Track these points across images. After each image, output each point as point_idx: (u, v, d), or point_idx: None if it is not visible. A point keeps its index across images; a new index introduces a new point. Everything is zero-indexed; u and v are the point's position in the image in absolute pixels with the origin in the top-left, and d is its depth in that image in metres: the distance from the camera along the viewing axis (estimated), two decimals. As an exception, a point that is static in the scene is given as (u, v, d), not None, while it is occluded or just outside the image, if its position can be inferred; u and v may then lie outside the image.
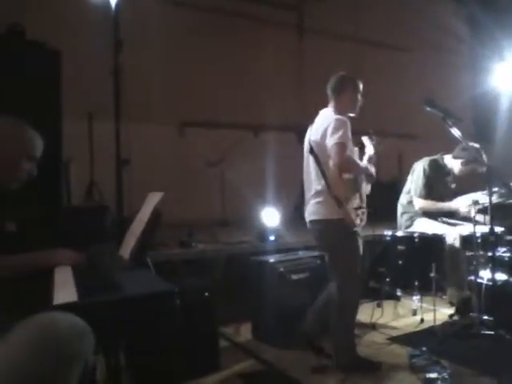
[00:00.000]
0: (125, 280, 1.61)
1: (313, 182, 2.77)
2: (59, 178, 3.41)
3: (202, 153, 5.95)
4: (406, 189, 3.84)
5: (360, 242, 2.75)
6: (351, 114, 2.81)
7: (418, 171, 3.74)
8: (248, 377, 2.69)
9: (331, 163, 2.61)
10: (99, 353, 1.66)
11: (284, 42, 6.83)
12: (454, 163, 3.76)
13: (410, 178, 3.84)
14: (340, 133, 2.57)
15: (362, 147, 3.00)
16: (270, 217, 4.33)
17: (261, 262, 3.37)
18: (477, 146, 3.52)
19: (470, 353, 2.82)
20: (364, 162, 2.88)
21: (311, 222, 2.81)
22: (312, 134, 2.78)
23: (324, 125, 2.67)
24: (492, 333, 2.82)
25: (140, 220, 2.01)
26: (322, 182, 2.68)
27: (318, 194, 2.73)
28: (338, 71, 2.91)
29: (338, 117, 2.66)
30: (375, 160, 2.95)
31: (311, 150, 2.74)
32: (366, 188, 2.87)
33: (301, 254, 3.56)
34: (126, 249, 1.92)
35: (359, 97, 2.82)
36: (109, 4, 3.42)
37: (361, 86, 2.83)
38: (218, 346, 2.80)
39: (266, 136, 6.43)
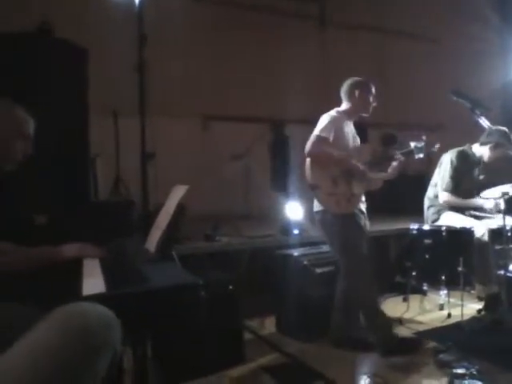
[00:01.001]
0: (151, 272, 1.64)
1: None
2: (87, 174, 3.49)
3: (225, 146, 5.98)
4: (433, 182, 3.76)
5: (360, 229, 2.84)
6: (364, 115, 2.96)
7: (445, 163, 3.64)
8: (272, 369, 2.70)
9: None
10: (127, 343, 1.69)
11: (306, 34, 6.77)
12: (482, 150, 3.64)
13: (437, 170, 3.75)
14: (322, 126, 2.76)
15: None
16: (294, 210, 4.32)
17: (285, 255, 3.38)
18: (504, 129, 3.42)
19: (499, 349, 2.76)
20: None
21: (314, 213, 2.98)
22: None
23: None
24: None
25: (165, 213, 2.03)
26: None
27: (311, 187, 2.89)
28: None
29: (330, 112, 2.86)
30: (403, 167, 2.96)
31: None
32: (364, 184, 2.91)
33: (325, 247, 3.54)
34: (152, 242, 1.95)
35: (371, 99, 2.92)
36: (132, 1, 3.45)
37: (373, 89, 2.94)
38: (242, 339, 2.82)
39: (289, 129, 6.40)
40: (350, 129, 2.98)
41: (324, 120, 2.82)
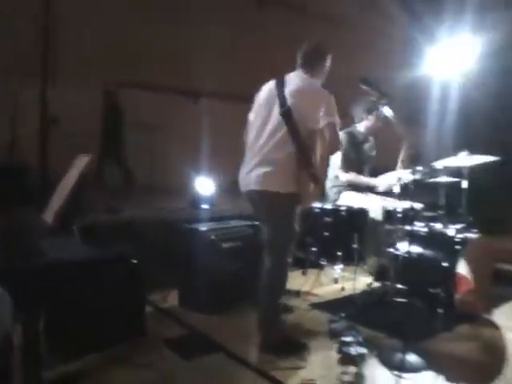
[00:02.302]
0: (47, 246, 1.56)
1: (270, 148, 2.51)
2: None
3: (137, 116, 5.77)
4: (331, 163, 3.96)
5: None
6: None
7: None
8: (172, 341, 2.73)
9: (321, 140, 2.49)
10: (18, 318, 1.61)
11: (227, 9, 6.67)
12: (363, 124, 3.92)
13: None
14: (334, 112, 2.50)
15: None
16: (205, 185, 4.34)
17: (192, 229, 3.38)
18: (367, 97, 3.67)
19: (385, 318, 3.04)
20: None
21: (256, 192, 2.57)
22: (289, 95, 2.52)
23: (314, 95, 2.55)
24: (405, 300, 3.05)
25: (66, 183, 1.94)
26: (287, 150, 2.47)
27: (273, 162, 2.49)
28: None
29: (329, 93, 2.55)
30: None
31: (286, 114, 2.48)
32: None
33: (233, 222, 3.61)
34: (50, 213, 1.85)
35: (329, 66, 2.74)
36: None
37: (330, 56, 2.73)
38: (144, 313, 2.81)
39: (207, 103, 6.33)
40: None
41: (335, 105, 2.52)
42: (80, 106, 4.98)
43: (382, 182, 3.75)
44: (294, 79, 2.62)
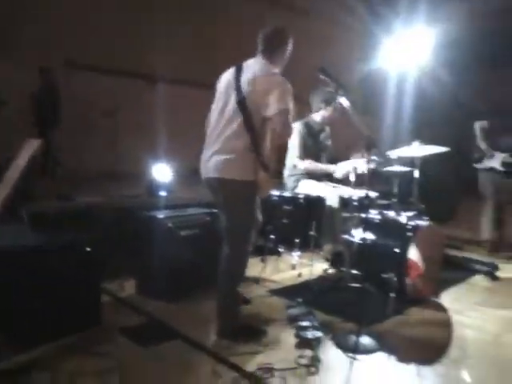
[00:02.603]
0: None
1: (228, 136, 2.50)
2: None
3: (92, 100, 5.58)
4: (289, 152, 4.00)
5: (257, 208, 2.68)
6: (277, 70, 2.66)
7: (294, 134, 3.89)
8: (129, 329, 2.70)
9: (271, 127, 2.43)
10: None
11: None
12: (320, 114, 3.99)
13: (290, 141, 3.97)
14: (288, 98, 2.42)
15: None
16: (163, 171, 4.27)
17: (149, 217, 3.34)
18: (325, 88, 3.74)
19: (340, 303, 3.14)
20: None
21: (214, 179, 2.56)
22: (245, 83, 2.49)
23: (268, 82, 2.47)
24: (359, 286, 3.14)
25: (15, 168, 1.86)
26: (244, 139, 2.46)
27: (233, 150, 2.48)
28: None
29: (284, 80, 2.48)
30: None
31: (241, 100, 2.47)
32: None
33: (191, 210, 3.58)
34: (-2, 200, 1.77)
35: (289, 52, 2.68)
36: None
37: (291, 41, 2.67)
38: (99, 301, 2.76)
39: (165, 88, 6.21)
40: None
41: (288, 91, 2.44)
42: (19, 85, 4.76)
43: (339, 168, 3.83)
44: (252, 66, 2.58)
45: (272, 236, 3.62)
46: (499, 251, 4.69)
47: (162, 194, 4.24)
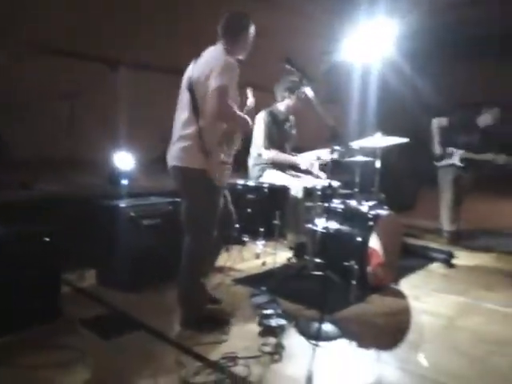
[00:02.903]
0: None
1: (183, 123, 2.52)
2: None
3: (52, 83, 5.36)
4: (254, 141, 3.99)
5: (220, 198, 2.65)
6: (240, 57, 2.65)
7: (259, 123, 3.90)
8: (90, 321, 2.64)
9: (207, 107, 2.40)
10: None
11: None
12: (285, 103, 4.00)
13: (255, 130, 3.96)
14: (226, 76, 2.35)
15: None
16: (124, 160, 4.17)
17: (111, 206, 3.26)
18: (289, 77, 3.76)
19: (303, 291, 3.18)
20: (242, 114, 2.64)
21: (173, 167, 2.58)
22: (195, 69, 2.52)
23: (211, 63, 2.44)
24: (322, 274, 3.19)
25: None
26: (194, 125, 2.47)
27: (186, 138, 2.50)
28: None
29: (228, 58, 2.45)
30: (253, 113, 2.92)
31: (190, 88, 2.49)
32: (238, 141, 2.71)
33: (153, 199, 3.53)
34: None
35: (251, 39, 2.66)
36: None
37: (253, 28, 2.65)
38: (59, 293, 2.69)
39: (128, 73, 6.03)
40: None
41: (227, 68, 2.39)
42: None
43: (303, 160, 3.86)
44: (208, 53, 2.57)
45: (236, 225, 3.61)
46: (458, 241, 4.89)
47: (124, 182, 4.14)
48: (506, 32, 9.84)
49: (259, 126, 3.86)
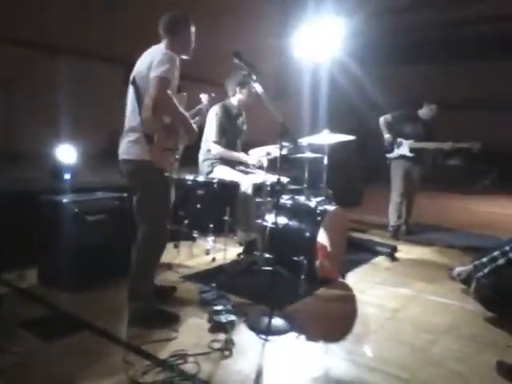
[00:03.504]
0: None
1: (129, 117, 2.60)
2: None
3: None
4: (205, 136, 3.94)
5: (171, 188, 2.69)
6: (185, 57, 2.72)
7: (211, 117, 3.85)
8: (30, 322, 2.52)
9: (147, 97, 2.45)
10: None
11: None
12: (236, 98, 3.98)
13: (206, 125, 3.92)
14: (165, 67, 2.41)
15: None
16: (67, 153, 3.99)
17: (53, 201, 3.12)
18: (239, 72, 3.76)
19: (252, 286, 3.20)
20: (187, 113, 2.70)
21: (122, 161, 2.61)
22: (138, 64, 2.60)
23: (152, 56, 2.51)
24: (272, 269, 3.22)
25: None
26: (138, 118, 2.51)
27: (132, 130, 2.55)
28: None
29: (168, 51, 2.53)
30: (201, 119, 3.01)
31: (133, 82, 2.56)
32: (184, 139, 2.71)
33: (99, 194, 3.41)
34: None
35: (193, 38, 2.74)
36: None
37: (193, 28, 2.74)
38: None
39: (68, 60, 5.77)
40: None
41: (167, 60, 2.44)
42: None
43: (252, 158, 3.85)
44: (150, 49, 2.64)
45: (186, 221, 3.56)
46: (401, 236, 5.10)
47: (67, 177, 3.97)
48: (446, 36, 10.36)
49: (211, 119, 3.82)
